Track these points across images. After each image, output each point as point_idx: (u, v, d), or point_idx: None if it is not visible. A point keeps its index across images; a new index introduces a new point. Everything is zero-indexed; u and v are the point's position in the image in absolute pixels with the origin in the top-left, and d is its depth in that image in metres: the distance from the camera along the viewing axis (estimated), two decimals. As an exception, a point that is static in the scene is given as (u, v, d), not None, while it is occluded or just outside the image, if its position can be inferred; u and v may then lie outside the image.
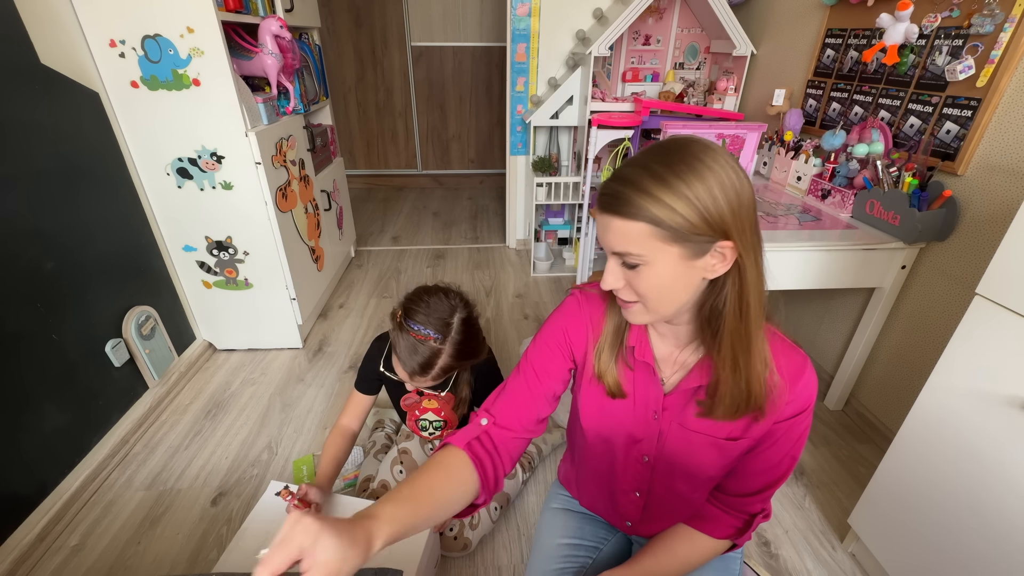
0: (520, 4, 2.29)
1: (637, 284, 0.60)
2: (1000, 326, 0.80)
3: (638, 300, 0.62)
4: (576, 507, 0.98)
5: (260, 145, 1.56)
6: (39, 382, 1.22)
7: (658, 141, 0.60)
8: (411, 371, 1.03)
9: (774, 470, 0.71)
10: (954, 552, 0.89)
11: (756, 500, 0.73)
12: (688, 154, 0.55)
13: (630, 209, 0.56)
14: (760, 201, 1.62)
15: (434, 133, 4.01)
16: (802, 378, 0.65)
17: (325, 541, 0.47)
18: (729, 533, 0.75)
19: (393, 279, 2.56)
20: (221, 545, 1.19)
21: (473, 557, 1.17)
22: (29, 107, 1.22)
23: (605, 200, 0.59)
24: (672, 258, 0.57)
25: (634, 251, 0.58)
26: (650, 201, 0.55)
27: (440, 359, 1.02)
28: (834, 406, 1.65)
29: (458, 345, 1.03)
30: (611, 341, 0.72)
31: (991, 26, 1.16)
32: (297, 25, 2.01)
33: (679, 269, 0.58)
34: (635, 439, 0.76)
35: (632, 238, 0.57)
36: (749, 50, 2.07)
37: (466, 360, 1.07)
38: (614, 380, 0.72)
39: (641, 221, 0.55)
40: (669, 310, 0.63)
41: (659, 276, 0.58)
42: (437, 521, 0.65)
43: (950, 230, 1.29)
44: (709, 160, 0.55)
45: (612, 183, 0.58)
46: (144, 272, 1.62)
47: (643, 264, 0.58)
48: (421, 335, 1.00)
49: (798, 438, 0.69)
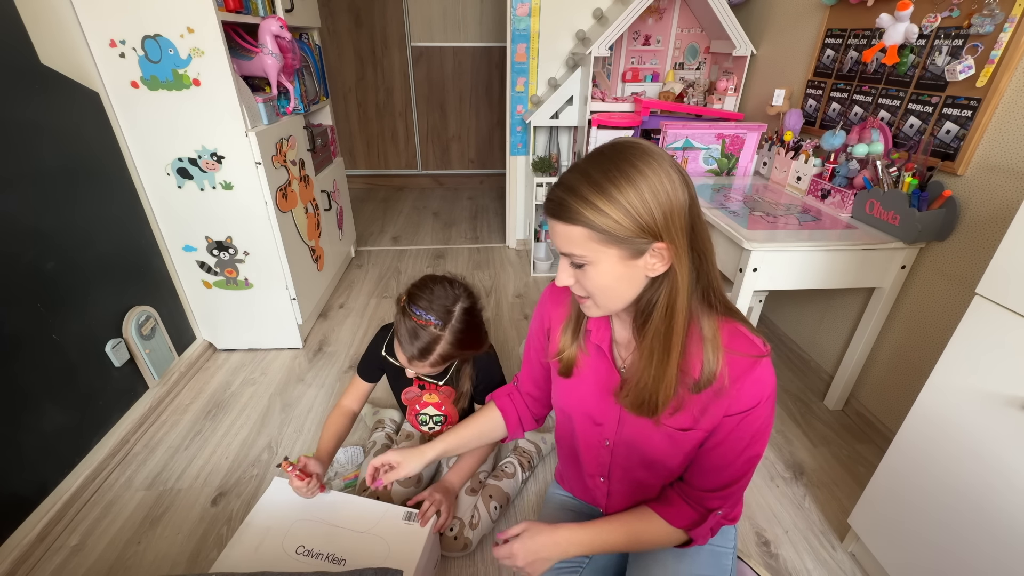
0: (520, 4, 2.29)
1: (585, 282, 0.65)
2: (1000, 326, 0.80)
3: (589, 296, 0.68)
4: (571, 506, 0.99)
5: (260, 145, 1.56)
6: (39, 382, 1.22)
7: (600, 146, 0.64)
8: (410, 356, 1.04)
9: (730, 467, 0.72)
10: (954, 552, 0.89)
11: (714, 496, 0.75)
12: (623, 161, 0.59)
13: (569, 214, 0.60)
14: (760, 201, 1.62)
15: (434, 133, 4.01)
16: (750, 375, 0.66)
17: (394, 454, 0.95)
18: (684, 523, 0.76)
19: (393, 279, 2.56)
20: (221, 545, 1.19)
21: (473, 557, 1.17)
22: (29, 107, 1.22)
23: (549, 206, 0.63)
24: (612, 259, 0.62)
25: (577, 252, 0.62)
26: (586, 207, 0.59)
27: (439, 346, 1.03)
28: (834, 406, 1.65)
29: (458, 334, 1.04)
30: (573, 324, 0.78)
31: (991, 26, 1.16)
32: (297, 25, 2.01)
33: (620, 269, 0.63)
34: (596, 422, 0.80)
35: (574, 241, 0.62)
36: (749, 50, 2.07)
37: (466, 350, 1.08)
38: (569, 359, 0.79)
39: (579, 225, 0.60)
40: (617, 305, 0.68)
41: (603, 275, 0.63)
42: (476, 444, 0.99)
43: (950, 230, 1.29)
44: (643, 166, 0.58)
45: (555, 189, 0.63)
46: (144, 272, 1.62)
47: (588, 264, 0.63)
48: (422, 320, 1.02)
49: (752, 436, 0.70)
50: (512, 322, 2.12)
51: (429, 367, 1.06)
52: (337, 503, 1.09)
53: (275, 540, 1.02)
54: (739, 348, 0.67)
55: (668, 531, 0.77)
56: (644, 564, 0.85)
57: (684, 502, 0.77)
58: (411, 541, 1.01)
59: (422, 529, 1.03)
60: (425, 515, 1.07)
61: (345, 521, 1.05)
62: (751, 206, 1.57)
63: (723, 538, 0.87)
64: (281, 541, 1.01)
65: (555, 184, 0.64)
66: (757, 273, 1.34)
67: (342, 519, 1.05)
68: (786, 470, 1.43)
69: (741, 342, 0.67)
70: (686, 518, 0.76)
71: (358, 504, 1.09)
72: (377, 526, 1.04)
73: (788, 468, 1.43)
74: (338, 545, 1.00)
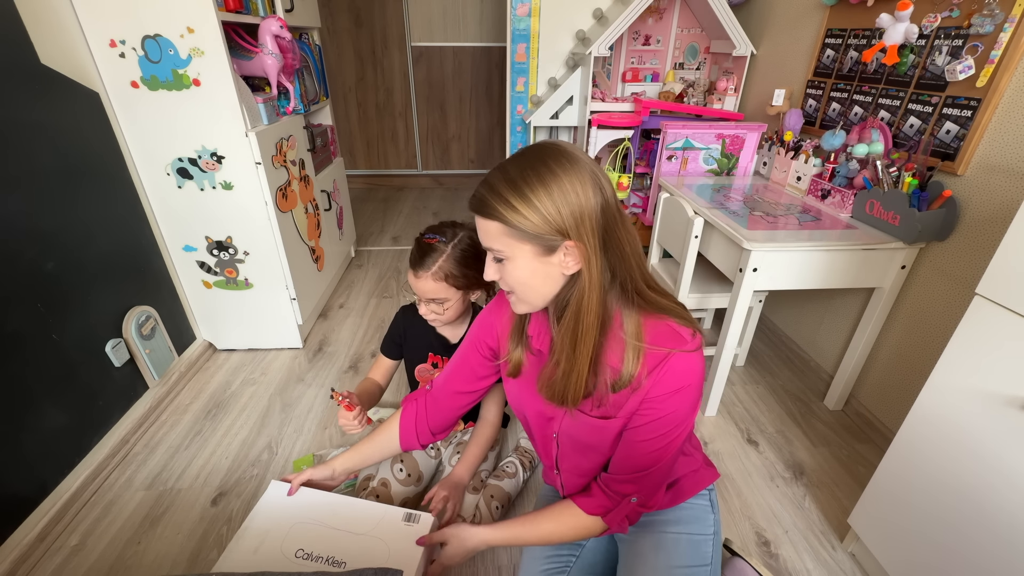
0: (520, 4, 2.29)
1: (506, 276, 0.70)
2: (1000, 326, 0.80)
3: (512, 291, 0.72)
4: None
5: (260, 145, 1.56)
6: (39, 382, 1.22)
7: (525, 147, 0.69)
8: (413, 263, 1.11)
9: (642, 454, 0.74)
10: (954, 552, 0.89)
11: (626, 482, 0.77)
12: (539, 162, 0.63)
13: (487, 210, 0.65)
14: (760, 201, 1.62)
15: (434, 133, 4.01)
16: (666, 364, 0.69)
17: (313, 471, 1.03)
18: (598, 511, 0.80)
19: (393, 279, 2.56)
20: (221, 545, 1.19)
21: (473, 557, 1.17)
22: (29, 107, 1.22)
23: (472, 202, 0.68)
24: (527, 254, 0.66)
25: (495, 247, 0.67)
26: (500, 203, 0.63)
27: (440, 258, 1.08)
28: (834, 406, 1.65)
29: (460, 252, 1.10)
30: (518, 330, 0.83)
31: (991, 26, 1.16)
32: (297, 25, 2.01)
33: (535, 264, 0.66)
34: (547, 417, 0.85)
35: (491, 235, 0.66)
36: (749, 50, 2.07)
37: (468, 270, 1.11)
38: (516, 361, 0.83)
39: (495, 220, 0.64)
40: (537, 301, 0.71)
41: (519, 270, 0.67)
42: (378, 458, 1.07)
43: (950, 230, 1.29)
44: (558, 168, 0.62)
45: (479, 187, 0.67)
46: (144, 272, 1.62)
47: (506, 259, 0.67)
48: (430, 240, 1.10)
49: (664, 422, 0.72)
50: (512, 322, 2.12)
51: (431, 280, 1.09)
52: (336, 505, 1.09)
53: (274, 543, 1.01)
54: (663, 343, 0.69)
55: (581, 519, 0.80)
56: (628, 562, 0.87)
57: (600, 490, 0.80)
58: (411, 542, 1.01)
59: (422, 530, 1.03)
60: (435, 509, 1.12)
61: (344, 523, 1.05)
62: (751, 206, 1.57)
63: (701, 525, 0.89)
64: (280, 544, 1.01)
65: (480, 182, 0.68)
66: (757, 273, 1.34)
67: (341, 521, 1.05)
68: (786, 470, 1.43)
69: (666, 337, 0.69)
70: (600, 506, 0.80)
71: (357, 506, 1.09)
72: (377, 528, 1.04)
73: (788, 468, 1.43)
74: (338, 547, 1.00)
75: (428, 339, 1.29)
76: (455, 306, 1.15)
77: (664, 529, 0.87)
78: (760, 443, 1.52)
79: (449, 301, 1.13)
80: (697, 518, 0.89)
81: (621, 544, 0.92)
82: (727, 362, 1.52)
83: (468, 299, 1.20)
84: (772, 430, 1.58)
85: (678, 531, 0.87)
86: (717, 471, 0.96)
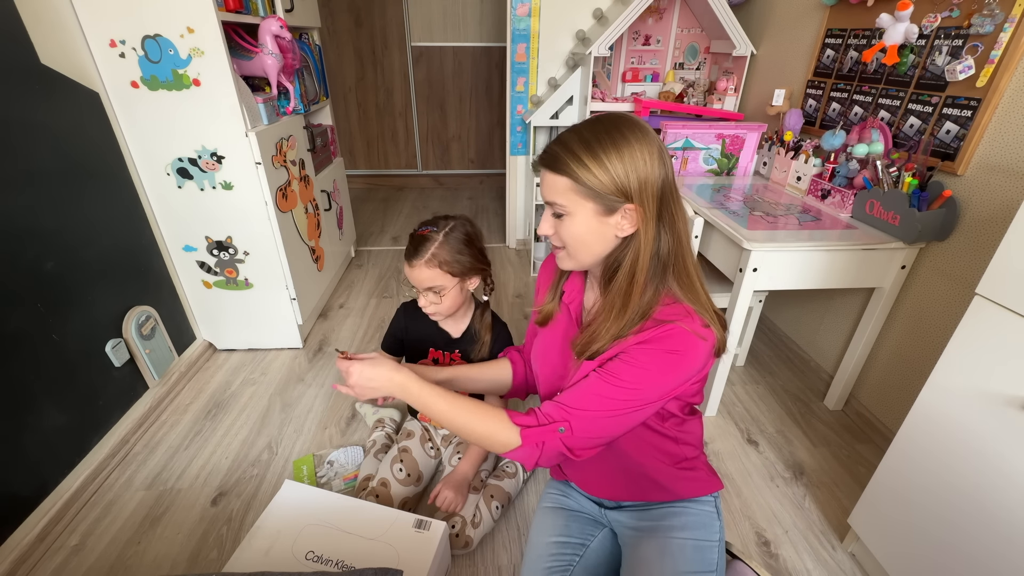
0: (520, 4, 2.29)
1: (562, 232, 0.74)
2: (1000, 326, 0.80)
3: (563, 247, 0.76)
4: (565, 505, 1.01)
5: (260, 145, 1.56)
6: (39, 382, 1.22)
7: (598, 114, 0.74)
8: (407, 255, 1.13)
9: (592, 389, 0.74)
10: (954, 552, 0.89)
11: (560, 407, 0.75)
12: (614, 128, 0.69)
13: (558, 165, 0.70)
14: (760, 201, 1.62)
15: (434, 133, 4.01)
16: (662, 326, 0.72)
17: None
18: (520, 422, 0.76)
19: (393, 279, 2.56)
20: (221, 545, 1.19)
21: (473, 556, 1.17)
22: (29, 107, 1.22)
23: (543, 156, 0.73)
24: (588, 212, 0.71)
25: (559, 201, 0.72)
26: (573, 160, 0.68)
27: (433, 246, 1.10)
28: (834, 406, 1.65)
29: (453, 240, 1.12)
30: (555, 284, 0.91)
31: (991, 26, 1.16)
32: (297, 25, 2.01)
33: (593, 222, 0.71)
34: (556, 374, 0.88)
35: (557, 190, 0.71)
36: (749, 50, 2.07)
37: (460, 256, 1.13)
38: (548, 312, 0.90)
39: (565, 176, 0.70)
40: (587, 258, 0.76)
41: (577, 226, 0.72)
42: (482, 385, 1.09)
43: (950, 230, 1.29)
44: (630, 136, 0.68)
45: (551, 143, 0.72)
46: (144, 272, 1.62)
47: (566, 215, 0.72)
48: (424, 231, 1.13)
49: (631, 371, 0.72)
50: (512, 322, 2.11)
51: (424, 267, 1.10)
52: (347, 509, 1.09)
53: (285, 545, 1.02)
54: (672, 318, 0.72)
55: (501, 422, 0.77)
56: (632, 565, 0.86)
57: (534, 411, 0.78)
58: (421, 549, 1.01)
59: (432, 537, 1.03)
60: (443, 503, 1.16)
61: (355, 527, 1.05)
62: (751, 206, 1.57)
63: (706, 531, 0.88)
64: (291, 546, 1.01)
65: (552, 140, 0.73)
66: (757, 273, 1.34)
67: (352, 525, 1.05)
68: (786, 470, 1.43)
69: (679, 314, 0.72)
70: (525, 420, 0.77)
71: (368, 510, 1.09)
72: (387, 533, 1.04)
73: (788, 468, 1.43)
74: (348, 552, 1.00)
75: (430, 334, 1.29)
76: (452, 295, 1.16)
77: (670, 534, 0.86)
78: (760, 443, 1.52)
79: (445, 289, 1.14)
80: (703, 524, 0.88)
81: (624, 547, 0.91)
82: (727, 362, 1.52)
83: (466, 289, 1.20)
84: (772, 430, 1.58)
85: (684, 536, 0.86)
86: (721, 482, 0.94)
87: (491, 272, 1.24)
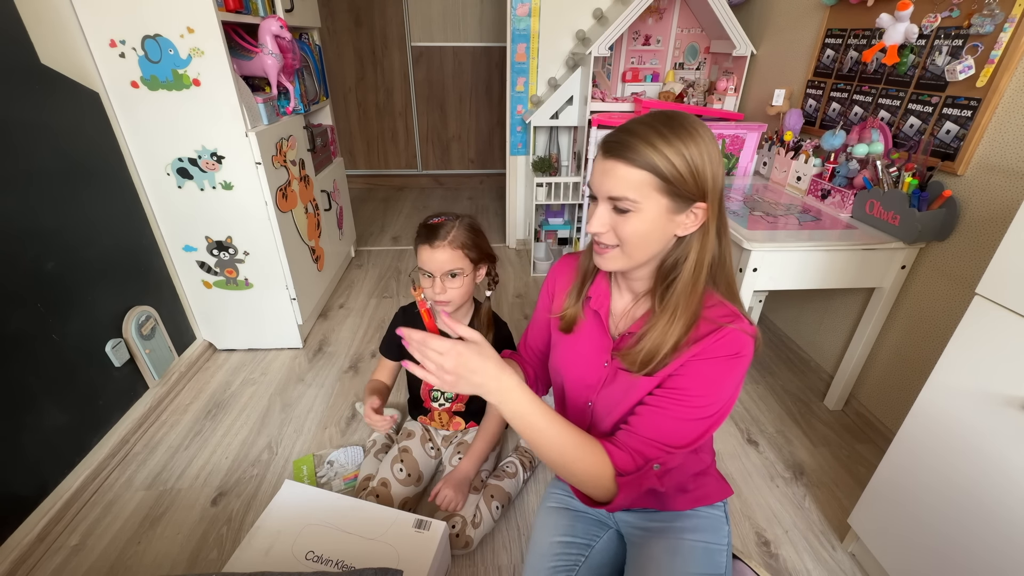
0: (520, 4, 2.29)
1: (622, 228, 0.67)
2: (1000, 326, 0.80)
3: (617, 245, 0.70)
4: (570, 505, 0.99)
5: (260, 145, 1.56)
6: (39, 382, 1.22)
7: (657, 110, 0.69)
8: (427, 238, 1.11)
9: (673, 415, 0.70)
10: (954, 552, 0.90)
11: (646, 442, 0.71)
12: (687, 122, 0.65)
13: (635, 156, 0.63)
14: (760, 201, 1.62)
15: (434, 133, 4.01)
16: (723, 330, 0.69)
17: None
18: (621, 465, 0.70)
19: (393, 279, 2.56)
20: (221, 545, 1.19)
21: (473, 556, 1.17)
22: (29, 107, 1.22)
23: (612, 146, 0.65)
24: (659, 208, 0.65)
25: (631, 196, 0.65)
26: (653, 152, 0.63)
27: (453, 229, 1.12)
28: (834, 406, 1.65)
29: (467, 229, 1.14)
30: (578, 287, 0.83)
31: (991, 26, 1.16)
32: (297, 25, 2.01)
33: (661, 221, 0.66)
34: (585, 383, 0.84)
35: (630, 183, 0.64)
36: (749, 50, 2.07)
37: (478, 240, 1.16)
38: (571, 317, 0.83)
39: (642, 168, 0.63)
40: (643, 257, 0.71)
41: (644, 223, 0.66)
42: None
43: (950, 230, 1.29)
44: (702, 132, 0.65)
45: (620, 134, 0.65)
46: (144, 272, 1.62)
47: (633, 210, 0.66)
48: (437, 220, 1.14)
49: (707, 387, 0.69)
50: (512, 322, 2.11)
51: (449, 248, 1.11)
52: (347, 509, 1.09)
53: (285, 545, 1.02)
54: (718, 317, 0.70)
55: (602, 464, 0.69)
56: (640, 564, 0.85)
57: (618, 447, 0.71)
58: (421, 549, 1.01)
59: (432, 537, 1.03)
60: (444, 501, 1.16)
61: (355, 527, 1.05)
62: (751, 206, 1.57)
63: (716, 535, 0.87)
64: (291, 546, 1.01)
65: (617, 130, 0.66)
66: (757, 273, 1.34)
67: (352, 525, 1.05)
68: (786, 470, 1.43)
69: (728, 316, 0.71)
70: (624, 461, 0.70)
71: (368, 510, 1.09)
72: (387, 534, 1.04)
73: (788, 468, 1.43)
74: (348, 552, 1.00)
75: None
76: (467, 282, 1.16)
77: (681, 535, 0.85)
78: (760, 443, 1.52)
79: (463, 275, 1.14)
80: (714, 528, 0.88)
81: (632, 546, 0.90)
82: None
83: (474, 282, 1.21)
84: (772, 430, 1.58)
85: (695, 539, 0.85)
86: (731, 488, 0.94)
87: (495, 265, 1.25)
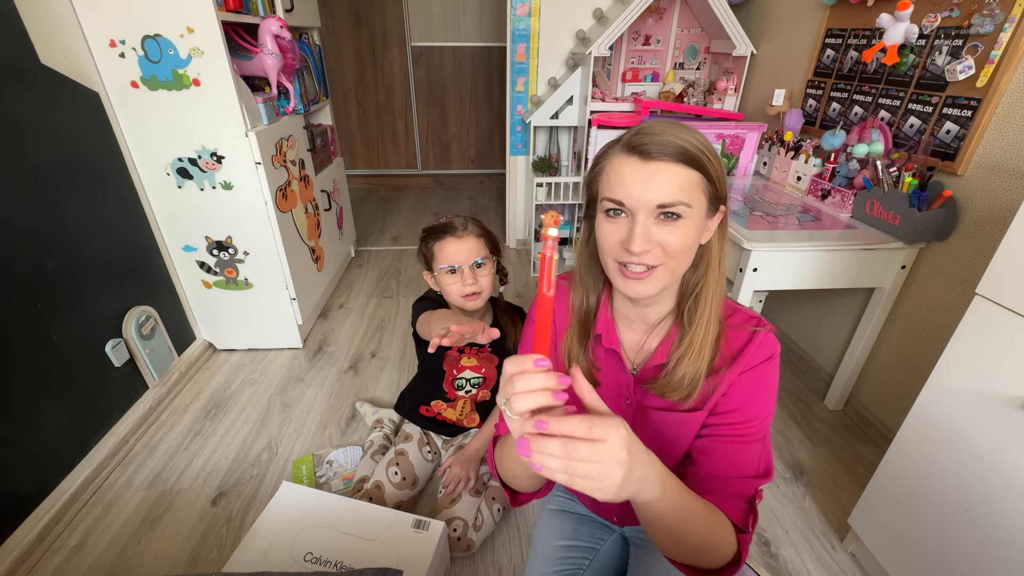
0: (520, 4, 2.29)
1: (670, 240, 0.59)
2: (1000, 326, 0.80)
3: (662, 263, 0.60)
4: (572, 508, 0.98)
5: (260, 145, 1.56)
6: (39, 382, 1.22)
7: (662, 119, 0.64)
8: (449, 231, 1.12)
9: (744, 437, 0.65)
10: (954, 552, 0.89)
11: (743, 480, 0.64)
12: (699, 132, 0.60)
13: (692, 158, 0.57)
14: (760, 201, 1.62)
15: (434, 133, 4.01)
16: (756, 337, 0.65)
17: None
18: (738, 518, 0.62)
19: (393, 279, 2.56)
20: (221, 545, 1.19)
21: (474, 557, 1.17)
22: (29, 107, 1.22)
23: (665, 147, 0.57)
24: (701, 213, 0.60)
25: (685, 200, 0.58)
26: (701, 154, 0.58)
27: (468, 222, 1.14)
28: (834, 406, 1.65)
29: (477, 222, 1.15)
30: (579, 332, 0.72)
31: (991, 26, 1.16)
32: (297, 25, 2.01)
33: (700, 226, 0.61)
34: None
35: (685, 185, 0.58)
36: (749, 50, 2.07)
37: (490, 232, 1.18)
38: (586, 368, 0.72)
39: (693, 168, 0.58)
40: (681, 270, 0.63)
41: (692, 230, 0.60)
42: None
43: (950, 230, 1.29)
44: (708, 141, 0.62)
45: (652, 136, 0.57)
46: (144, 272, 1.62)
47: (685, 216, 0.58)
48: (445, 219, 1.14)
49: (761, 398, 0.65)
50: (512, 322, 2.12)
51: (473, 236, 1.13)
52: (345, 510, 1.09)
53: (283, 546, 1.02)
54: (740, 320, 0.68)
55: (726, 525, 0.60)
56: (645, 568, 0.83)
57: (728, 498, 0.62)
58: (420, 549, 1.01)
59: (431, 537, 1.03)
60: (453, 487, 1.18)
61: (354, 528, 1.05)
62: (751, 206, 1.57)
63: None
64: (289, 547, 1.01)
65: (644, 133, 0.59)
66: (757, 273, 1.34)
67: (351, 526, 1.05)
68: (786, 470, 1.43)
69: (743, 319, 0.68)
70: (737, 510, 0.61)
71: (366, 511, 1.09)
72: (386, 534, 1.04)
73: (788, 468, 1.43)
74: (346, 553, 1.00)
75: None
76: (491, 275, 1.17)
77: None
78: (760, 443, 1.52)
79: (488, 264, 1.15)
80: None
81: (636, 550, 0.88)
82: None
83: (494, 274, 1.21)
84: (772, 430, 1.57)
85: None
86: None
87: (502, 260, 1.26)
